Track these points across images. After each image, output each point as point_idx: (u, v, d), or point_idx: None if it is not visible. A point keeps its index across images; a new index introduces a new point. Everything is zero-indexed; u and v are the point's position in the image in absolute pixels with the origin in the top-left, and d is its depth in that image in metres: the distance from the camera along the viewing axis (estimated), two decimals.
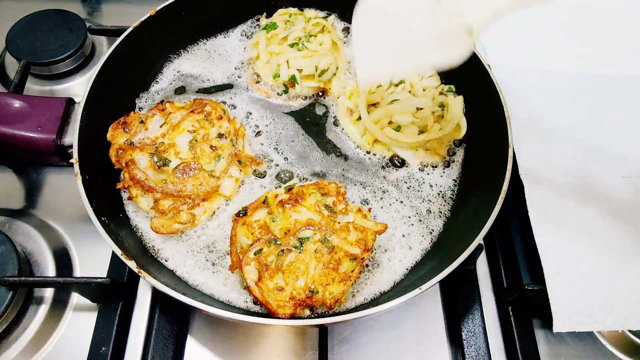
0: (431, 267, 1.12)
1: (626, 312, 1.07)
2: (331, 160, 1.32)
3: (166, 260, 1.14)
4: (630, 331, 1.14)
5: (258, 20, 1.51)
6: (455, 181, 1.30)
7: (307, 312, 1.04)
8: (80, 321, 1.19)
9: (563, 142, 1.33)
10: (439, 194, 1.28)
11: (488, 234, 1.05)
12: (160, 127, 1.21)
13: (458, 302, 1.21)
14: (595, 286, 1.10)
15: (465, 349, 1.15)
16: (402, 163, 1.31)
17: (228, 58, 1.47)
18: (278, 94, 1.42)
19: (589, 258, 1.13)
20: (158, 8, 1.34)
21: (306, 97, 1.42)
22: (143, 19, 1.32)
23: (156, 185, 1.14)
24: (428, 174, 1.30)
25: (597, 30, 1.57)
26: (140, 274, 0.98)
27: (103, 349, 1.12)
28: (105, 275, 1.20)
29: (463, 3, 0.94)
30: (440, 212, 1.25)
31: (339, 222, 1.07)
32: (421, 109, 1.29)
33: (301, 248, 1.03)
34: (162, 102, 1.25)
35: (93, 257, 1.27)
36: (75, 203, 1.33)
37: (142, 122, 1.21)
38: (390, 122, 1.29)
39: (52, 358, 1.15)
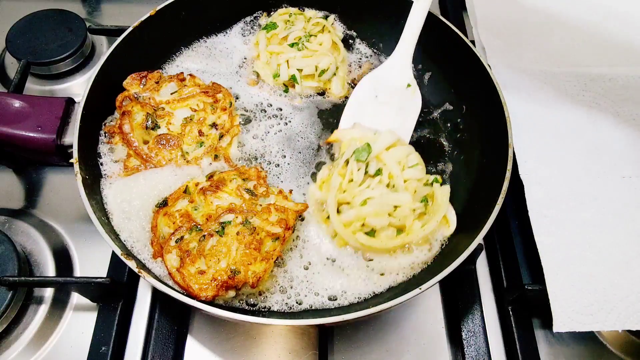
0: (431, 267, 1.12)
1: (626, 312, 1.07)
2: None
3: None
4: (630, 331, 1.14)
5: (257, 17, 1.51)
6: (454, 181, 1.30)
7: (232, 293, 1.04)
8: (80, 321, 1.19)
9: (563, 141, 1.33)
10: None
11: (488, 234, 1.05)
12: (171, 94, 1.26)
13: (458, 302, 1.21)
14: (595, 286, 1.10)
15: (465, 349, 1.15)
16: None
17: (229, 55, 1.47)
18: (278, 94, 1.42)
19: (589, 258, 1.13)
20: (158, 8, 1.34)
21: (306, 97, 1.42)
22: (143, 18, 1.32)
23: (134, 141, 1.18)
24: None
25: (597, 30, 1.57)
26: (140, 274, 0.98)
27: (103, 348, 1.12)
28: (105, 275, 1.20)
29: None
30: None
31: (261, 205, 1.09)
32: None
33: (223, 232, 1.04)
34: (183, 73, 1.31)
35: (93, 257, 1.27)
36: (75, 203, 1.33)
37: (157, 82, 1.26)
38: (363, 224, 1.11)
39: (52, 358, 1.15)
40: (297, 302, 1.08)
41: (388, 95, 1.30)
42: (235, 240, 1.03)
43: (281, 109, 1.39)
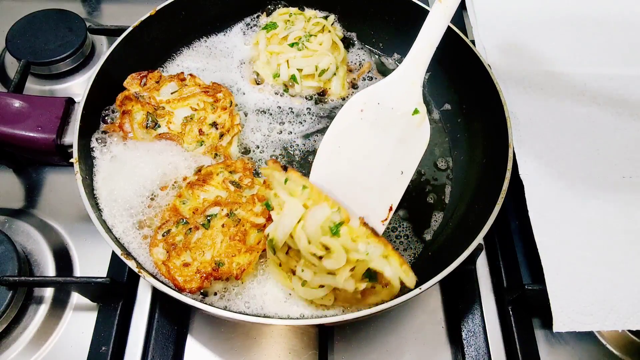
0: (431, 267, 1.12)
1: (626, 312, 1.07)
2: None
3: None
4: (630, 331, 1.14)
5: (258, 17, 1.51)
6: (455, 181, 1.30)
7: (219, 285, 1.04)
8: (80, 321, 1.19)
9: (563, 141, 1.33)
10: (438, 194, 1.28)
11: (488, 234, 1.05)
12: (171, 94, 1.26)
13: (458, 302, 1.21)
14: (595, 286, 1.09)
15: (465, 349, 1.15)
16: None
17: (229, 54, 1.47)
18: (278, 93, 1.42)
19: (589, 258, 1.13)
20: (158, 7, 1.34)
21: (306, 97, 1.42)
22: (143, 18, 1.32)
23: (135, 140, 1.19)
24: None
25: (597, 30, 1.57)
26: (140, 274, 0.98)
27: (103, 348, 1.12)
28: (105, 275, 1.20)
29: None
30: (441, 212, 1.25)
31: (246, 196, 1.10)
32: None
33: (208, 225, 1.05)
34: (183, 72, 1.31)
35: (93, 257, 1.27)
36: (75, 203, 1.33)
37: (157, 82, 1.27)
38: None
39: (52, 358, 1.15)
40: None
41: (387, 120, 0.96)
42: (220, 232, 1.04)
43: (281, 109, 1.39)
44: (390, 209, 0.96)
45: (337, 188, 0.92)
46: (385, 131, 0.95)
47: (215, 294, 1.05)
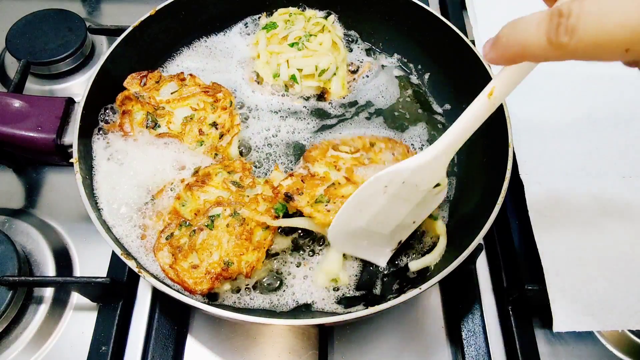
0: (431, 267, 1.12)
1: (626, 312, 1.07)
2: None
3: None
4: (630, 331, 1.14)
5: (258, 17, 1.51)
6: (454, 180, 1.30)
7: (227, 285, 1.04)
8: (80, 321, 1.19)
9: (563, 141, 1.33)
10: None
11: (488, 234, 1.05)
12: (171, 94, 1.26)
13: (458, 302, 1.21)
14: (595, 286, 1.10)
15: (465, 349, 1.15)
16: None
17: (229, 54, 1.47)
18: (278, 93, 1.42)
19: (589, 258, 1.13)
20: (158, 7, 1.34)
21: (306, 97, 1.42)
22: (143, 18, 1.32)
23: (135, 140, 1.19)
24: None
25: None
26: (140, 274, 0.98)
27: (103, 348, 1.12)
28: (105, 275, 1.20)
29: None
30: (440, 212, 1.25)
31: (248, 196, 1.10)
32: None
33: (212, 225, 1.05)
34: (183, 72, 1.31)
35: (93, 257, 1.27)
36: (75, 203, 1.33)
37: (157, 82, 1.27)
38: None
39: (52, 357, 1.15)
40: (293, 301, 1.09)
41: (409, 193, 1.02)
42: (225, 232, 1.04)
43: (281, 109, 1.39)
44: (399, 242, 1.13)
45: (356, 234, 1.06)
46: (406, 200, 1.04)
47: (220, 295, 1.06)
